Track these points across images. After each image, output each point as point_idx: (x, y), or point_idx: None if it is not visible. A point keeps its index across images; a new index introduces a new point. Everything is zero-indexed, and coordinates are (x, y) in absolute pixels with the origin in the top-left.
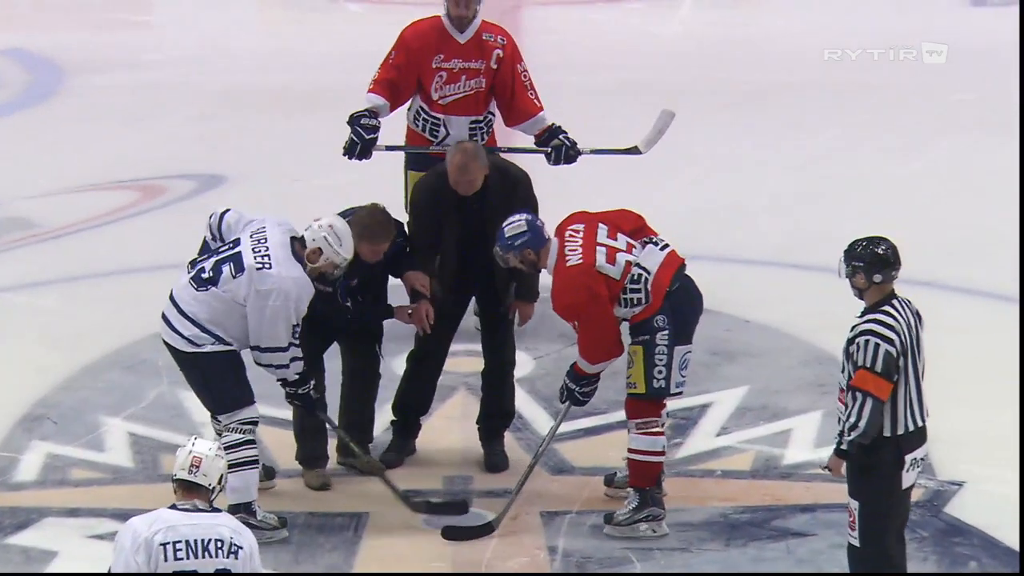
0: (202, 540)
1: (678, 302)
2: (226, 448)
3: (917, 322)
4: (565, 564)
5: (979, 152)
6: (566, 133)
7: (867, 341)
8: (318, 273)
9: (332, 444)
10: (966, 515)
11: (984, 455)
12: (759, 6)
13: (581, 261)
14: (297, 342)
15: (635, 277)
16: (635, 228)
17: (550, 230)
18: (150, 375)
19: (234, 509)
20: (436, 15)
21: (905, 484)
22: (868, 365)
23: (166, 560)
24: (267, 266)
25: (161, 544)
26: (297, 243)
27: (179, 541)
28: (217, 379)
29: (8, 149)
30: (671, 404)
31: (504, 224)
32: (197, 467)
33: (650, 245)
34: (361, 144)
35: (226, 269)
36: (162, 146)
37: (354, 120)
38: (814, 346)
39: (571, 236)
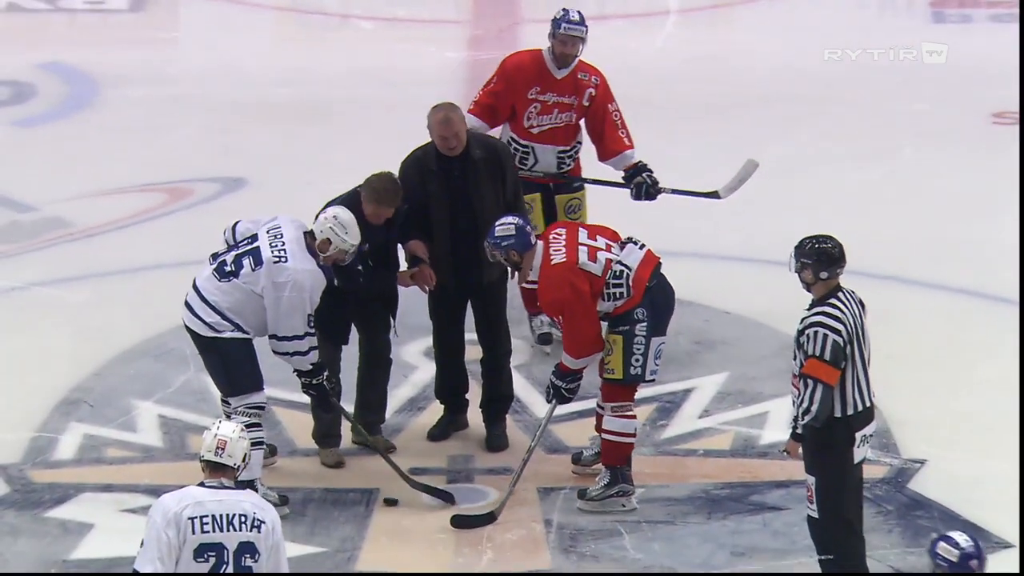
0: (227, 515)
1: (655, 297)
2: None
3: (861, 311)
4: (559, 536)
5: (940, 160)
6: (651, 172)
7: (816, 332)
8: (331, 261)
9: (347, 425)
10: (927, 491)
11: (944, 437)
12: (733, 25)
13: (564, 259)
14: (313, 331)
15: (617, 273)
16: (612, 237)
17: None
18: (177, 363)
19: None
20: (538, 48)
21: (856, 458)
22: (818, 354)
23: (194, 533)
24: (283, 259)
25: (189, 518)
26: (309, 236)
27: (206, 516)
28: (234, 364)
29: (46, 155)
30: (650, 390)
31: (497, 223)
32: (223, 449)
33: (629, 244)
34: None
35: (246, 262)
36: (187, 153)
37: None
38: (787, 335)
39: (555, 238)
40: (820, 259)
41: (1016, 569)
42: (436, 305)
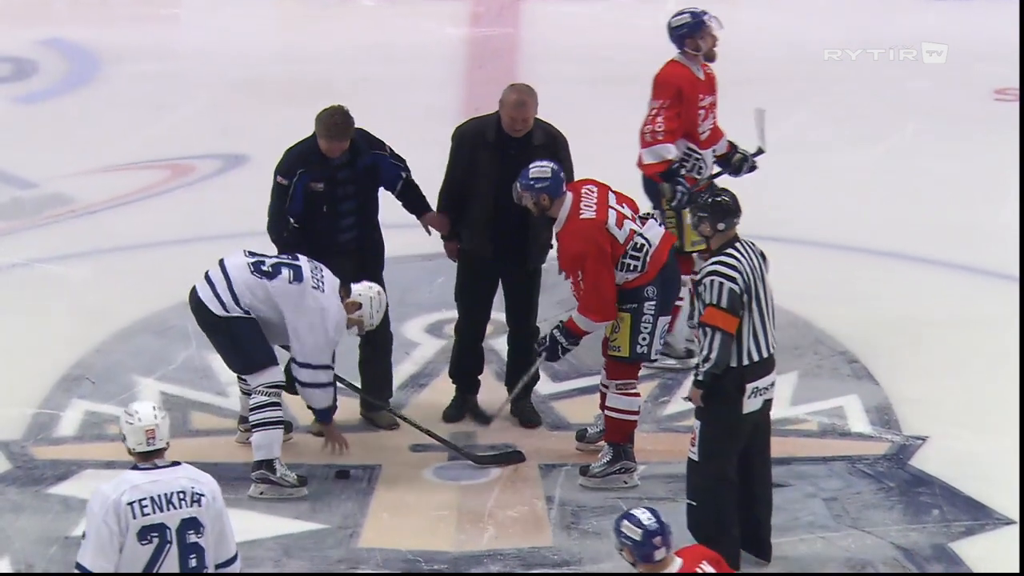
0: (165, 494)
1: (666, 276)
2: (253, 409)
3: (761, 263)
4: (561, 512)
5: (942, 137)
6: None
7: (712, 281)
8: (350, 324)
9: (354, 401)
10: (929, 467)
11: (945, 414)
12: (735, 3)
13: (594, 216)
14: (333, 368)
15: (637, 245)
16: (634, 209)
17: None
18: (178, 339)
19: (257, 465)
20: (673, 59)
21: (746, 410)
22: (715, 302)
23: (135, 517)
24: (321, 288)
25: (128, 504)
26: (343, 290)
27: (144, 498)
28: (245, 341)
29: (47, 132)
30: (652, 367)
31: (531, 165)
32: (153, 437)
33: (650, 220)
34: (688, 194)
35: (286, 272)
36: (188, 129)
37: (672, 175)
38: (788, 312)
39: (586, 194)
40: (715, 211)
41: (1017, 545)
42: (468, 285)
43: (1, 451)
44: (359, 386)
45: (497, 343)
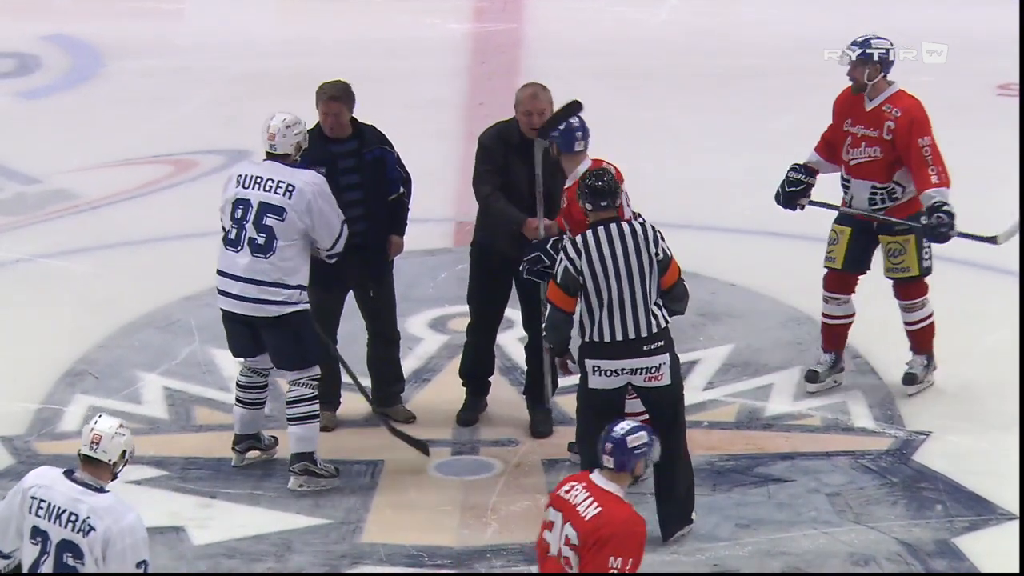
0: (59, 508)
1: None
2: (295, 402)
3: (637, 247)
4: None
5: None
6: (947, 211)
7: (560, 258)
8: (301, 149)
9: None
10: (932, 463)
11: (948, 408)
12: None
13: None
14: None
15: None
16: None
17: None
18: (182, 334)
19: (298, 457)
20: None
21: (591, 385)
22: (555, 278)
23: (31, 512)
24: (291, 187)
25: (32, 497)
26: (281, 159)
27: (44, 500)
28: (307, 336)
29: (50, 127)
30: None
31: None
32: (97, 444)
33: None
34: (783, 194)
35: (270, 221)
36: (191, 124)
37: (789, 170)
38: (791, 307)
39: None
40: (586, 194)
41: (1017, 539)
42: (483, 287)
43: (4, 446)
44: (366, 386)
45: (502, 337)
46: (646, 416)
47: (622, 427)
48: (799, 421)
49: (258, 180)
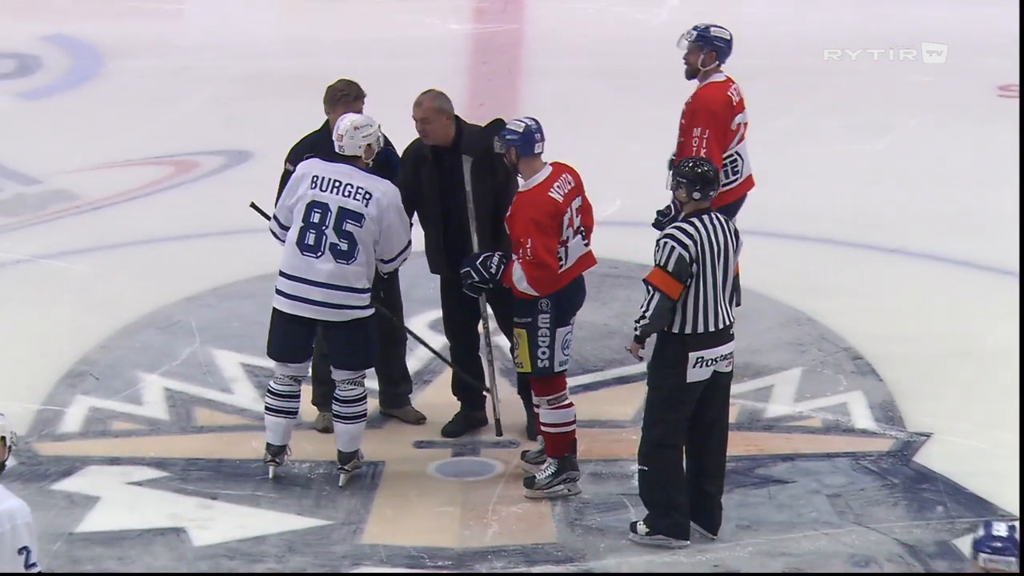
0: None
1: (565, 292)
2: (348, 402)
3: (730, 239)
4: (565, 509)
5: (944, 132)
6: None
7: (665, 243)
8: (373, 152)
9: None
10: (933, 464)
11: (949, 409)
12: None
13: (561, 201)
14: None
15: (559, 255)
16: (587, 224)
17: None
18: (182, 335)
19: (349, 456)
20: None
21: (690, 379)
22: (662, 264)
23: None
24: (370, 195)
25: None
26: (351, 161)
27: None
28: (371, 338)
29: (51, 128)
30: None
31: (516, 118)
32: None
33: (579, 236)
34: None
35: (350, 227)
36: (192, 125)
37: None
38: (791, 308)
39: (565, 182)
40: (695, 180)
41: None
42: (443, 298)
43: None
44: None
45: (502, 339)
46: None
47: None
48: (800, 422)
49: (336, 184)
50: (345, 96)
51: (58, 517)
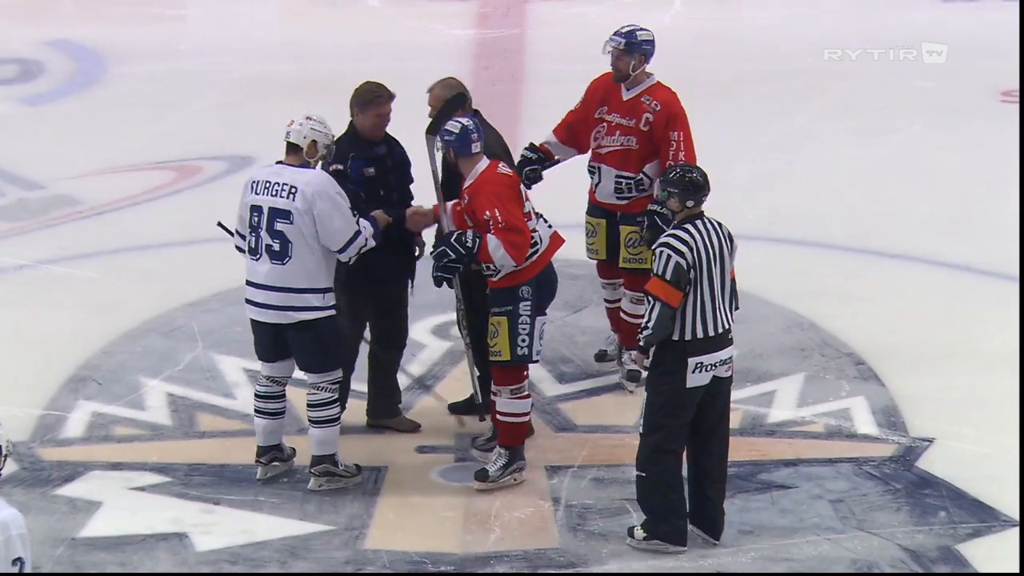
0: None
1: (542, 277)
2: (316, 406)
3: (724, 243)
4: (567, 514)
5: (945, 137)
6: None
7: (662, 252)
8: (320, 158)
9: (361, 409)
10: (935, 469)
11: (951, 414)
12: (740, 2)
13: (512, 173)
14: (357, 217)
15: (533, 240)
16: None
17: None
18: (185, 340)
19: (319, 460)
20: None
21: (690, 384)
22: (660, 273)
23: None
24: (294, 189)
25: None
26: (292, 155)
27: None
28: (331, 341)
29: (54, 133)
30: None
31: (453, 118)
32: None
33: (541, 219)
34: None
35: (281, 226)
36: (195, 129)
37: (525, 148)
38: (793, 312)
39: (504, 167)
40: (685, 188)
41: (1017, 546)
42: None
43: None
44: (368, 392)
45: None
46: None
47: None
48: (802, 427)
49: (267, 185)
50: (379, 98)
51: (60, 522)
